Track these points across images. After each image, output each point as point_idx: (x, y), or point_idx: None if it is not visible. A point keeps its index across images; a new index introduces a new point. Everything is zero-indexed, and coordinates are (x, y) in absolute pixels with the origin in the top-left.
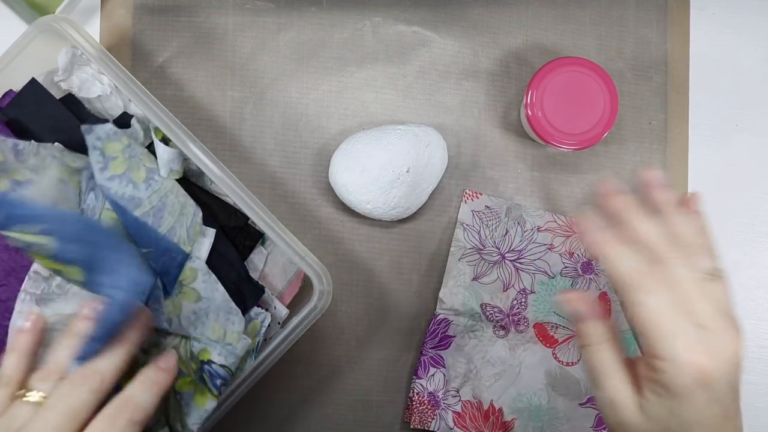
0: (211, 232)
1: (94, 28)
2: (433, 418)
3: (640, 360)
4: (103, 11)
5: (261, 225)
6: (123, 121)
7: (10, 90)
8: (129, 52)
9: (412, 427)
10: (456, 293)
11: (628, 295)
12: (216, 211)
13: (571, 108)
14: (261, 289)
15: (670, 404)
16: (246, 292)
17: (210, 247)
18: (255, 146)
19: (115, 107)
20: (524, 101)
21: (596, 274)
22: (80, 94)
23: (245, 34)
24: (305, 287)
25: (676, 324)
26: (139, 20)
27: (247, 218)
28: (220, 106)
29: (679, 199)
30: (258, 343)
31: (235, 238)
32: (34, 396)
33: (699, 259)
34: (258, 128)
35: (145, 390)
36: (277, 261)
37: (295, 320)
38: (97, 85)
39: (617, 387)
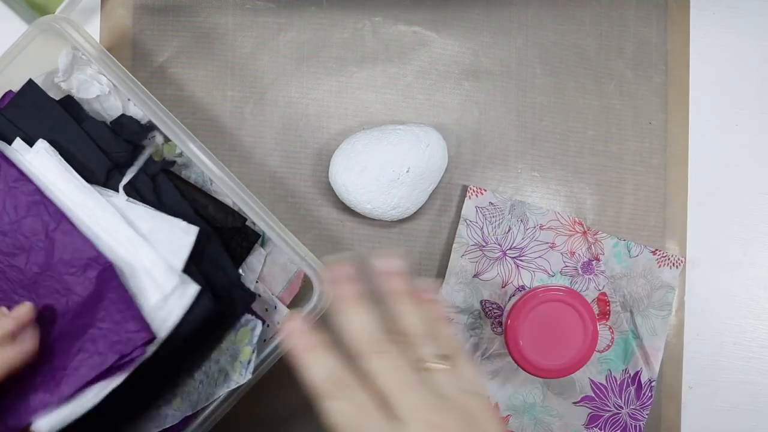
0: (193, 230)
1: (94, 28)
2: None
3: None
4: (103, 11)
5: (261, 225)
6: (121, 122)
7: (10, 91)
8: (129, 52)
9: None
10: (457, 290)
11: (320, 406)
12: (213, 212)
13: (550, 339)
14: (251, 295)
15: None
16: (236, 298)
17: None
18: (255, 146)
19: (113, 107)
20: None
21: (595, 274)
22: (78, 95)
23: (245, 34)
24: (305, 287)
25: (363, 425)
26: (139, 20)
27: (245, 219)
28: (220, 106)
29: (411, 289)
30: (252, 353)
31: (232, 239)
32: None
33: (415, 349)
34: (258, 128)
35: None
36: (276, 261)
37: None
38: (96, 85)
39: None
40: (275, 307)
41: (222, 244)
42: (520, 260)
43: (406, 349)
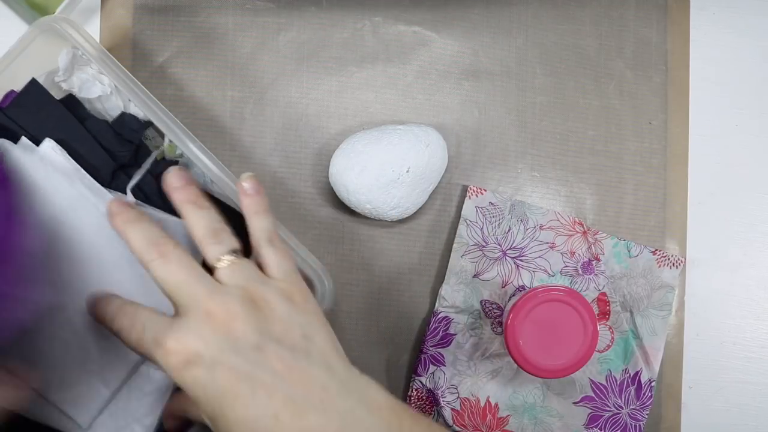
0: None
1: (94, 28)
2: (431, 414)
3: None
4: (103, 11)
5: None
6: (122, 120)
7: (12, 90)
8: (129, 52)
9: None
10: (458, 290)
11: (148, 271)
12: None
13: (550, 339)
14: None
15: None
16: None
17: None
18: (255, 146)
19: (115, 107)
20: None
21: (595, 274)
22: (80, 95)
23: (245, 34)
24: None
25: (143, 316)
26: (139, 20)
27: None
28: (220, 106)
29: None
30: None
31: None
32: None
33: (208, 249)
34: (258, 128)
35: None
36: None
37: None
38: (98, 85)
39: None
40: None
41: None
42: (520, 260)
43: (181, 252)
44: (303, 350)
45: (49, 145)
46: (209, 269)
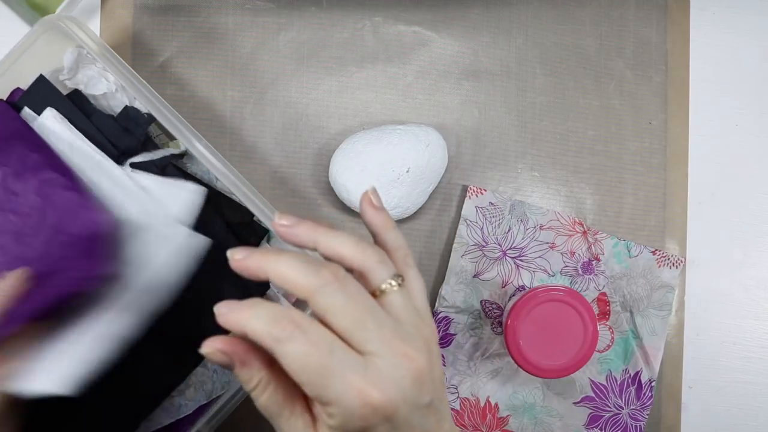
0: (200, 191)
1: (94, 28)
2: None
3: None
4: (103, 11)
5: (267, 222)
6: (125, 114)
7: (18, 88)
8: (129, 52)
9: None
10: (458, 290)
11: (276, 356)
12: (222, 206)
13: (550, 339)
14: (267, 284)
15: None
16: (251, 286)
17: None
18: (255, 146)
19: (120, 105)
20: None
21: (595, 274)
22: (86, 90)
23: (245, 34)
24: None
25: (330, 362)
26: (139, 20)
27: (252, 215)
28: (220, 106)
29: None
30: None
31: (240, 234)
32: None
33: (372, 275)
34: (258, 128)
35: None
36: None
37: None
38: (103, 82)
39: (293, 430)
40: (281, 305)
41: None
42: (520, 260)
43: (353, 279)
44: (443, 400)
45: (50, 114)
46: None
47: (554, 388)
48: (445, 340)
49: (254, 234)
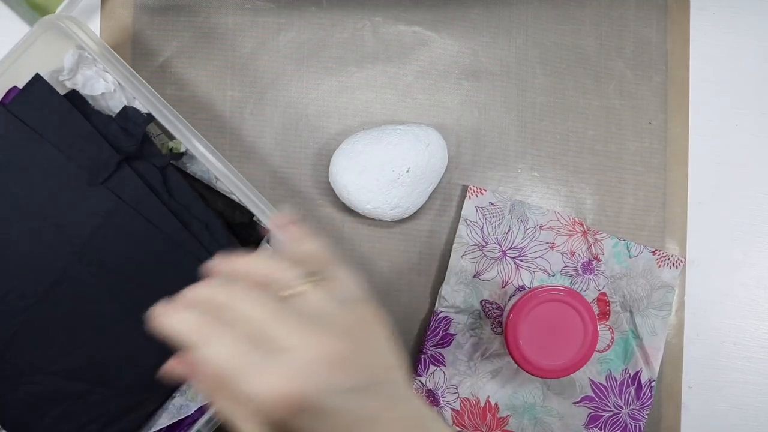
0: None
1: (94, 28)
2: None
3: None
4: (103, 11)
5: (266, 222)
6: (124, 114)
7: (14, 87)
8: (129, 52)
9: None
10: (458, 290)
11: (196, 360)
12: (221, 207)
13: (550, 339)
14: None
15: None
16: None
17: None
18: (255, 146)
19: (118, 105)
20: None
21: (595, 274)
22: (84, 91)
23: (245, 34)
24: None
25: (243, 361)
26: (139, 20)
27: (252, 215)
28: (220, 106)
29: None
30: None
31: (240, 234)
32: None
33: (278, 279)
34: (258, 128)
35: None
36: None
37: None
38: (101, 82)
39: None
40: None
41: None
42: (520, 260)
43: (268, 285)
44: (395, 382)
45: None
46: None
47: (554, 388)
48: (445, 340)
49: (254, 234)
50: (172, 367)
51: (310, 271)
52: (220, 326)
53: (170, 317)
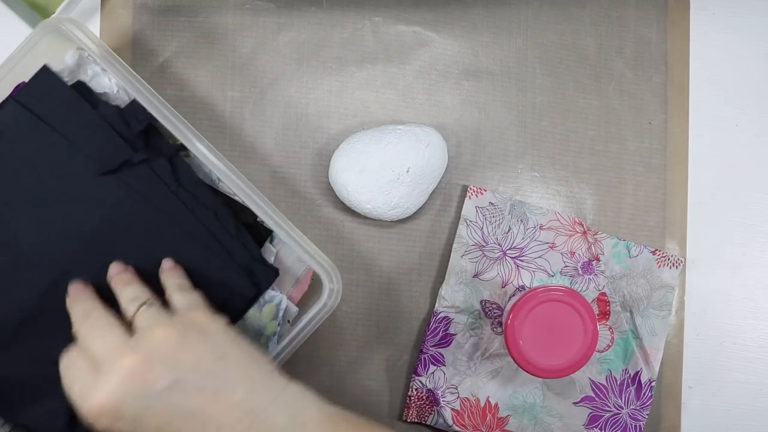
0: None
1: (94, 28)
2: (430, 414)
3: None
4: (103, 11)
5: (270, 223)
6: (132, 108)
7: (22, 82)
8: (129, 52)
9: (408, 421)
10: (457, 290)
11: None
12: (224, 214)
13: (550, 339)
14: (274, 270)
15: None
16: (259, 274)
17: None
18: (255, 146)
19: (123, 103)
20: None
21: (595, 274)
22: (90, 83)
23: (245, 34)
24: (314, 285)
25: (69, 373)
26: (139, 20)
27: (256, 216)
28: (220, 106)
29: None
30: (277, 326)
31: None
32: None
33: (127, 310)
34: (258, 128)
35: None
36: (285, 259)
37: (305, 318)
38: (106, 81)
39: None
40: (285, 306)
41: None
42: (520, 260)
43: (98, 314)
44: (221, 374)
45: None
46: None
47: (554, 388)
48: (445, 340)
49: (258, 235)
50: None
51: (143, 301)
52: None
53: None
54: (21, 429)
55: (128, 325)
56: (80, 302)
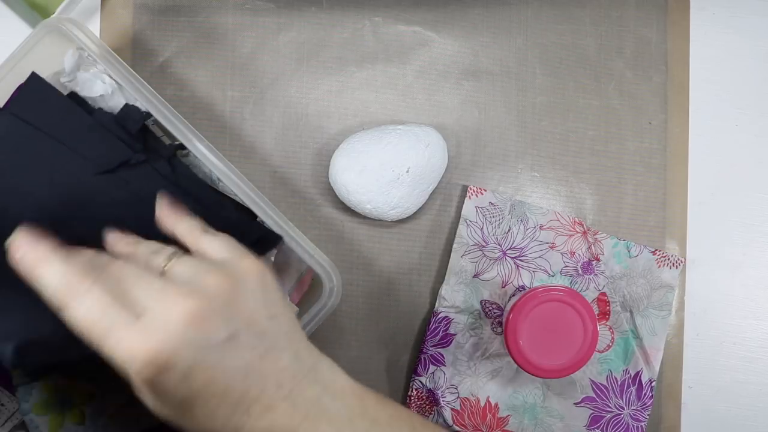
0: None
1: (94, 28)
2: (430, 414)
3: None
4: (103, 11)
5: (270, 223)
6: (126, 112)
7: (19, 86)
8: (129, 52)
9: None
10: (457, 290)
11: (61, 313)
12: (226, 206)
13: (550, 339)
14: (277, 236)
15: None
16: (265, 236)
17: None
18: (255, 146)
19: (118, 106)
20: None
21: (595, 274)
22: (82, 93)
23: (245, 34)
24: (314, 285)
25: (110, 321)
26: (139, 20)
27: (255, 216)
28: (220, 106)
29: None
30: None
31: (254, 245)
32: None
33: (152, 261)
34: (258, 128)
35: None
36: (285, 259)
37: (305, 318)
38: (99, 84)
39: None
40: None
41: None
42: (520, 260)
43: (139, 252)
44: (272, 335)
45: None
46: None
47: (554, 388)
48: (445, 340)
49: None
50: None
51: (172, 252)
52: (86, 281)
53: (40, 268)
54: (21, 429)
55: None
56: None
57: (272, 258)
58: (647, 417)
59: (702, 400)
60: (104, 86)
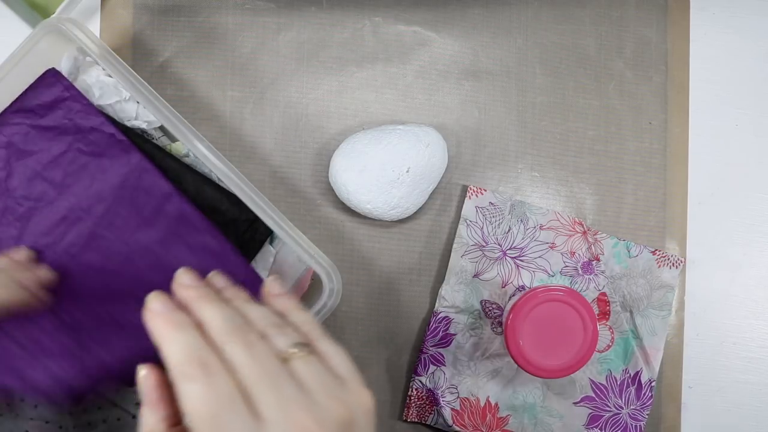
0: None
1: (94, 28)
2: (430, 413)
3: None
4: (103, 11)
5: (270, 223)
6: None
7: (29, 86)
8: (129, 52)
9: (408, 420)
10: (457, 290)
11: (176, 387)
12: (227, 205)
13: (550, 339)
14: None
15: None
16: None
17: None
18: (255, 146)
19: (126, 110)
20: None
21: (595, 274)
22: (98, 102)
23: (245, 34)
24: (314, 285)
25: (224, 416)
26: (139, 20)
27: (256, 215)
28: (220, 106)
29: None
30: None
31: (245, 232)
32: None
33: (271, 341)
34: (258, 128)
35: None
36: (285, 259)
37: None
38: (114, 91)
39: None
40: None
41: (235, 236)
42: (520, 260)
43: (263, 340)
44: None
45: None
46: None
47: (554, 388)
48: (445, 340)
49: (259, 233)
50: (143, 376)
51: (299, 341)
52: (212, 365)
53: (164, 324)
54: None
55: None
56: (211, 306)
57: (272, 258)
58: (646, 417)
59: (702, 400)
60: (119, 92)
